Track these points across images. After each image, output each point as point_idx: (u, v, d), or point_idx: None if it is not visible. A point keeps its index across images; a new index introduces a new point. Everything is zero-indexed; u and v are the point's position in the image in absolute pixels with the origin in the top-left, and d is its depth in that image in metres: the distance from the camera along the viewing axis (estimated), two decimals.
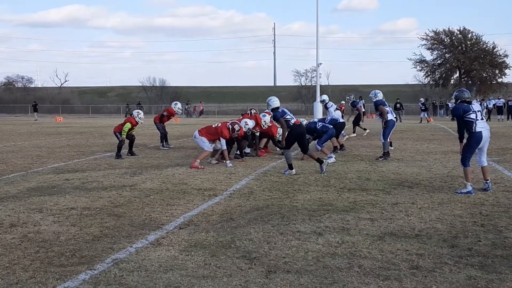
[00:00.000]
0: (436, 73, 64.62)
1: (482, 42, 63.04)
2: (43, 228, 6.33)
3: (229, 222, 6.59)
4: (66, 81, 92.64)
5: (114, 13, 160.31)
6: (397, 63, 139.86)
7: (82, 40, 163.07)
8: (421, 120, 38.70)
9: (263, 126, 13.68)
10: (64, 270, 4.79)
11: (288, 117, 10.84)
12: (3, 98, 78.69)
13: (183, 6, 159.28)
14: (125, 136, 14.22)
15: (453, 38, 63.38)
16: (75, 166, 12.41)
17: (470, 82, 62.85)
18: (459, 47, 62.99)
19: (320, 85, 69.58)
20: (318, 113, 51.30)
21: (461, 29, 63.24)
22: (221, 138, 12.02)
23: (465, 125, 8.56)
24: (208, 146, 12.11)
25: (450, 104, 43.35)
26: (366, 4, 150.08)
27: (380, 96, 13.62)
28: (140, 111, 14.91)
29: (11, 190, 8.99)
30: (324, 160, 10.90)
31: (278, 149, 14.57)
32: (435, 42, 63.57)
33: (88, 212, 7.21)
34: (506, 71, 61.85)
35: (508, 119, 39.89)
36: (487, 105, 43.16)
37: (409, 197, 8.11)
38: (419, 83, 69.98)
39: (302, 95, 71.47)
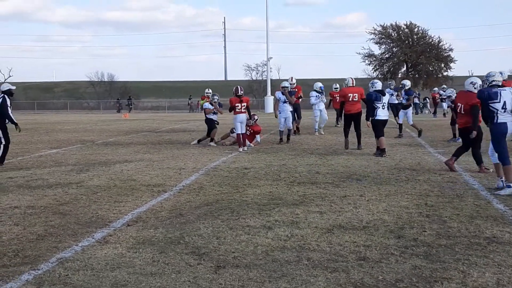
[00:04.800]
0: (384, 67, 65.77)
1: (428, 37, 64.56)
2: None
3: (178, 218, 6.52)
4: (10, 76, 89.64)
5: (61, 6, 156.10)
6: (347, 57, 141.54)
7: (27, 34, 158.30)
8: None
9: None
10: (6, 271, 4.63)
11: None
12: None
13: None
14: None
15: (400, 32, 64.64)
16: (19, 163, 12.04)
17: (417, 75, 64.32)
18: (406, 41, 64.31)
19: (271, 79, 70.18)
20: (269, 107, 51.62)
21: (408, 23, 64.67)
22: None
23: (486, 113, 8.02)
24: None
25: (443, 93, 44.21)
26: None
27: (378, 86, 13.15)
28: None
29: None
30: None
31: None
32: (383, 36, 64.71)
33: (32, 211, 7.01)
34: (452, 64, 63.62)
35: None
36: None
37: (358, 189, 8.22)
38: (368, 76, 71.17)
39: (253, 89, 71.54)
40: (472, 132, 9.07)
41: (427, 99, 43.89)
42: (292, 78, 17.48)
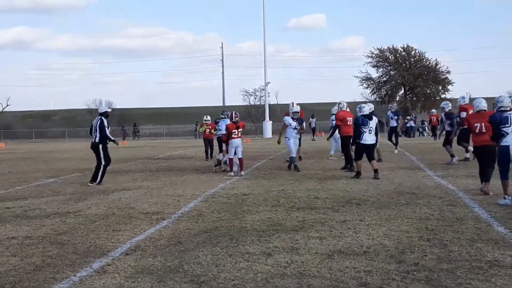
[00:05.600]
0: (382, 90, 65.99)
1: (425, 59, 64.91)
2: None
3: (177, 246, 6.47)
4: (8, 105, 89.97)
5: (61, 35, 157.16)
6: (345, 81, 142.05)
7: (26, 62, 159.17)
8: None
9: None
10: None
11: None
12: None
13: (134, 26, 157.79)
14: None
15: (397, 55, 65.02)
16: (16, 193, 11.99)
17: (415, 98, 64.55)
18: (403, 64, 64.65)
19: (269, 104, 70.23)
20: (268, 132, 51.68)
21: (405, 46, 65.06)
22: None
23: (496, 134, 8.77)
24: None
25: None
26: (315, 23, 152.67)
27: (366, 110, 13.29)
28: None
29: None
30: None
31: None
32: (380, 59, 65.06)
33: (29, 241, 6.95)
34: (449, 87, 63.79)
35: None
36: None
37: (357, 214, 8.17)
38: (366, 100, 71.35)
39: (251, 114, 71.69)
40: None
41: (425, 122, 44.02)
42: (293, 103, 17.07)
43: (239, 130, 13.97)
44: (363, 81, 65.62)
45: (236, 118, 14.13)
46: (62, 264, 5.83)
